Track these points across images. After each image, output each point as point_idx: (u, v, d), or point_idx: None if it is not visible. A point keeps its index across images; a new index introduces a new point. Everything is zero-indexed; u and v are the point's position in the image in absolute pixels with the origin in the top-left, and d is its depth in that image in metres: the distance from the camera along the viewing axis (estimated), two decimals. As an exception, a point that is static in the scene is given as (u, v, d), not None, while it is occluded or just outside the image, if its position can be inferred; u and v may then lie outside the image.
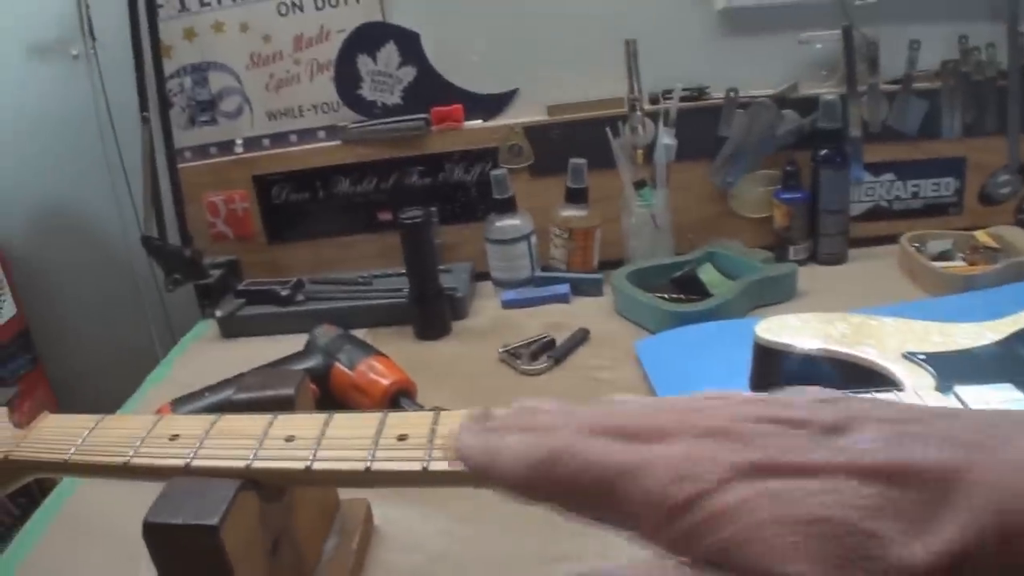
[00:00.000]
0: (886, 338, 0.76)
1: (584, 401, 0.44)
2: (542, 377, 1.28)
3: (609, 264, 1.53)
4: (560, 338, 1.36)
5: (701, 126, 1.53)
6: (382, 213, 1.55)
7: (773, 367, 0.79)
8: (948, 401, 0.65)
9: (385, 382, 1.21)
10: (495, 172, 1.49)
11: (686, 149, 1.53)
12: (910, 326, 0.79)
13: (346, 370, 1.24)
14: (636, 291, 1.42)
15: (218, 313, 1.50)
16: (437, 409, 0.54)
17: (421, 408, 1.21)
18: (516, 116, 1.56)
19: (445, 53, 1.54)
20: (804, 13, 1.54)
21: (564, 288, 1.49)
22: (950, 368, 0.70)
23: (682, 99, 1.54)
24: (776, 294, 1.45)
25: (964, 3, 1.58)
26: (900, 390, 0.68)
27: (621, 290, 1.43)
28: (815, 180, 1.54)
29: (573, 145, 1.52)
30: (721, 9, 1.55)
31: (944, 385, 0.68)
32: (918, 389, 0.67)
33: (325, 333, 1.34)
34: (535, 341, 1.36)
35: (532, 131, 1.53)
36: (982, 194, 1.66)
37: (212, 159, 1.59)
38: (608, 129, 1.50)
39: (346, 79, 1.53)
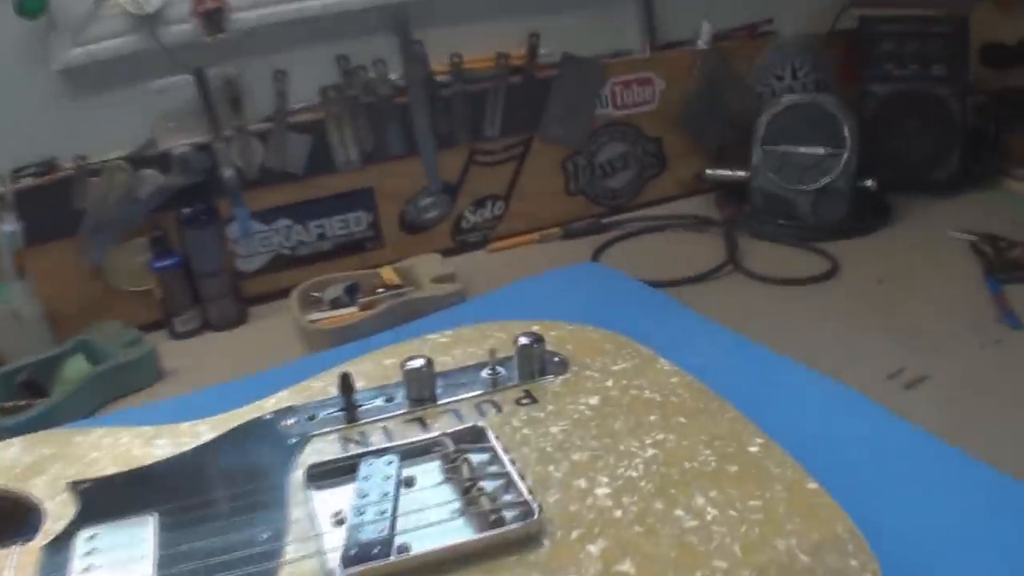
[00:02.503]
0: (73, 461, 0.64)
1: None
2: None
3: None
4: None
5: (55, 202, 1.42)
6: None
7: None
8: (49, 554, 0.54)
9: None
10: None
11: (43, 230, 1.42)
12: (117, 437, 0.66)
13: None
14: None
15: None
16: None
17: None
18: None
19: None
20: (151, 61, 1.42)
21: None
22: (108, 496, 0.59)
23: (32, 175, 1.43)
24: (136, 380, 1.36)
25: (340, 21, 1.47)
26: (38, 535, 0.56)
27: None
28: (184, 242, 1.44)
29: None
30: (60, 70, 1.42)
31: (82, 523, 0.56)
32: (54, 532, 0.55)
33: None
34: None
35: None
36: (405, 222, 1.55)
37: None
38: (-57, 222, 1.39)
39: None
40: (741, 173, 1.57)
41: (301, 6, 1.44)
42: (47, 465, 0.64)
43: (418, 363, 0.66)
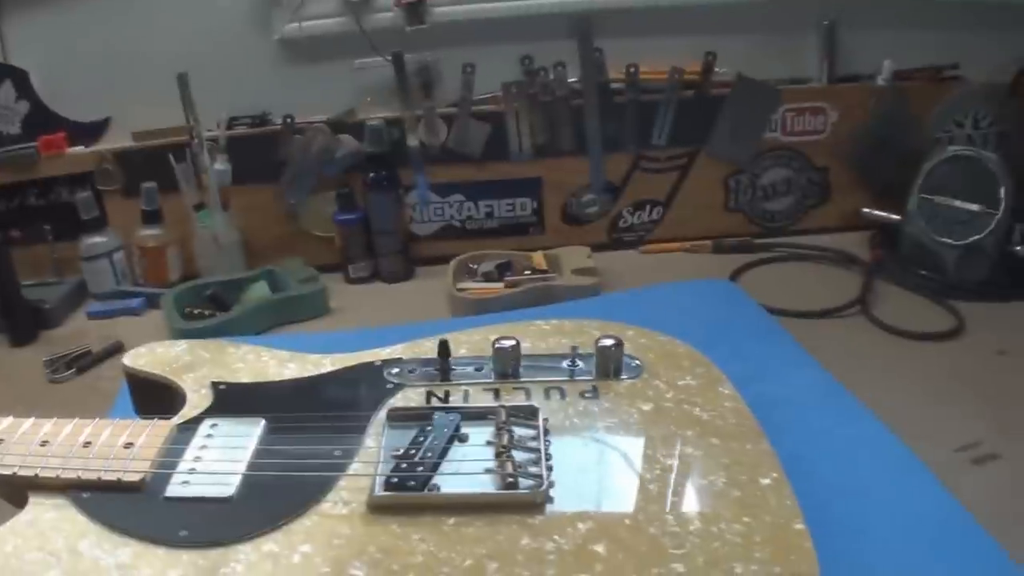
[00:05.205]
0: (221, 367, 0.80)
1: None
2: (63, 385, 1.44)
3: (191, 279, 1.66)
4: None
5: (262, 151, 1.62)
6: (11, 231, 1.75)
7: (137, 391, 0.81)
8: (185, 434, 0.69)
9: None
10: (79, 195, 1.65)
11: (249, 173, 1.64)
12: (259, 355, 0.82)
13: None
14: (168, 309, 1.54)
15: None
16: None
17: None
18: (111, 142, 1.69)
19: (52, 87, 1.69)
20: (360, 40, 1.59)
21: (136, 302, 1.64)
22: (236, 398, 0.75)
23: (247, 125, 1.63)
24: (305, 311, 1.55)
25: (528, 24, 1.59)
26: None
27: (163, 307, 1.56)
28: (367, 202, 1.60)
29: (155, 169, 1.64)
30: (279, 39, 1.62)
31: (211, 413, 0.72)
32: (189, 416, 0.71)
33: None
34: (72, 353, 1.51)
35: (121, 156, 1.66)
36: (567, 214, 1.65)
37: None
38: (172, 155, 1.62)
39: (-21, 113, 1.72)
40: (896, 217, 1.56)
41: (494, 6, 1.59)
42: (200, 366, 0.80)
43: (507, 343, 0.76)
